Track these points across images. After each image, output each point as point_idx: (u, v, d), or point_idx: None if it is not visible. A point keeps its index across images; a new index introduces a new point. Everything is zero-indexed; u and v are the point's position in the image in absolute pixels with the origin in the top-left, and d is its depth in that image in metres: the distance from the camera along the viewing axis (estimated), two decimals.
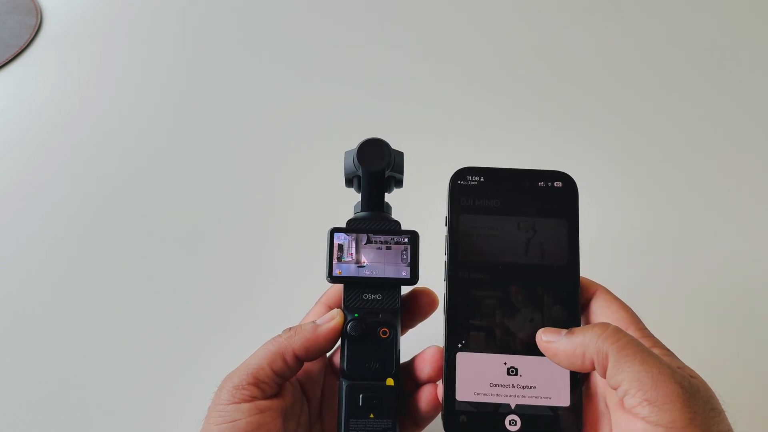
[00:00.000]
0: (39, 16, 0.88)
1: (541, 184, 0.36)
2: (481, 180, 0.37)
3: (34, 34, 0.85)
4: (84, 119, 0.74)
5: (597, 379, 0.33)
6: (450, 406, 0.34)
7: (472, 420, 0.33)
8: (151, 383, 0.51)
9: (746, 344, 0.53)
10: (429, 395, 0.37)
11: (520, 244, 0.35)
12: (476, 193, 0.36)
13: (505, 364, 0.34)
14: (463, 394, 0.34)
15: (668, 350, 0.31)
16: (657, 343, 0.31)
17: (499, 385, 0.34)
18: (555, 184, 0.36)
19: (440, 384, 0.35)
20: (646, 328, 0.32)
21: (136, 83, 0.79)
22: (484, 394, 0.34)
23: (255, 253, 0.60)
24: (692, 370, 0.30)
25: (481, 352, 0.34)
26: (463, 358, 0.34)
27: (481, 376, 0.34)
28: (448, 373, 0.34)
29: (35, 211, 0.64)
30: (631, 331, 0.32)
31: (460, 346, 0.34)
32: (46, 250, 0.61)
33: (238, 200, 0.65)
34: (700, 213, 0.64)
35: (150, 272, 0.59)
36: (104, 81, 0.79)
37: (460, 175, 0.37)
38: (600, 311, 0.34)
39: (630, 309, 0.33)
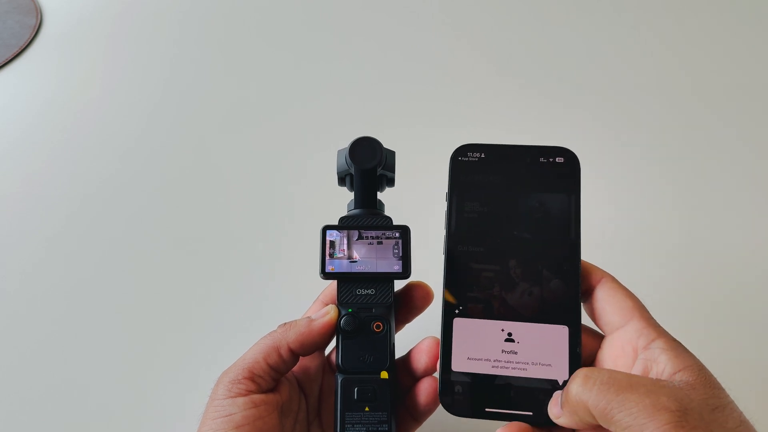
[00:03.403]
0: (39, 16, 0.89)
1: (543, 159, 0.36)
2: (482, 156, 0.36)
3: (34, 34, 0.86)
4: (84, 119, 0.75)
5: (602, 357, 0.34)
6: (446, 375, 0.33)
7: (467, 390, 0.33)
8: (151, 381, 0.51)
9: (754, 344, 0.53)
10: (427, 388, 0.37)
11: (520, 219, 0.35)
12: (477, 169, 0.36)
13: (503, 330, 0.34)
14: (459, 363, 0.33)
15: (672, 340, 0.31)
16: (661, 333, 0.31)
17: (496, 354, 0.33)
18: (557, 159, 0.36)
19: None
20: (651, 318, 0.32)
21: (136, 83, 0.80)
22: (481, 363, 0.33)
23: (253, 252, 0.60)
24: (690, 360, 0.29)
25: (478, 318, 0.34)
26: (460, 324, 0.34)
27: (479, 344, 0.34)
28: (444, 340, 0.34)
29: (35, 211, 0.64)
30: (636, 321, 0.31)
31: (457, 312, 0.34)
32: (45, 250, 0.61)
33: (236, 200, 0.65)
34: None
35: (149, 272, 0.59)
36: (104, 81, 0.80)
37: (461, 151, 0.37)
38: (605, 299, 0.33)
39: (636, 297, 0.33)
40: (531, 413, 0.33)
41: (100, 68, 0.82)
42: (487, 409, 0.33)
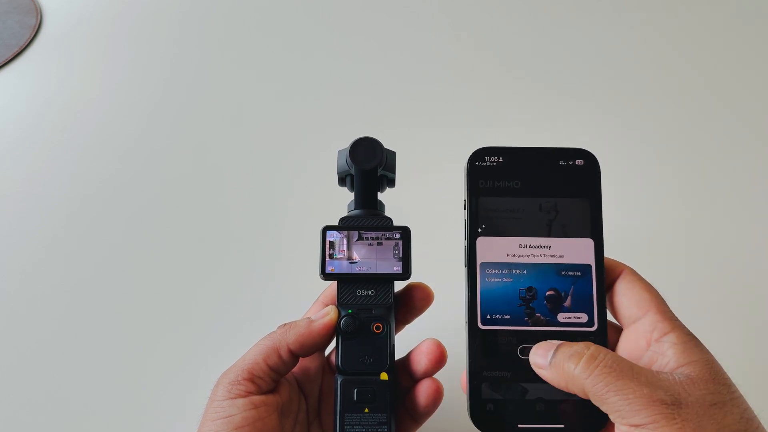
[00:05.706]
0: (39, 16, 0.89)
1: (562, 162, 0.35)
2: (500, 160, 0.35)
3: (34, 34, 0.86)
4: (84, 119, 0.75)
5: None
6: (476, 395, 0.33)
7: (498, 407, 0.32)
8: (151, 381, 0.52)
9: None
10: (427, 389, 0.37)
11: (541, 225, 0.35)
12: (495, 174, 0.35)
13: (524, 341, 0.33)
14: (488, 392, 0.33)
15: (685, 334, 0.30)
16: (676, 326, 0.31)
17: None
18: (576, 162, 0.35)
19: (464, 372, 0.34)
20: (668, 311, 0.32)
21: (136, 83, 0.79)
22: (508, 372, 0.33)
23: (253, 252, 0.60)
24: (698, 355, 0.29)
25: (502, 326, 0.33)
26: (485, 333, 0.33)
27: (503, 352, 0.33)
28: (472, 357, 0.33)
29: (35, 211, 0.64)
30: (652, 314, 0.31)
31: (482, 327, 0.33)
32: (45, 250, 0.61)
33: (236, 200, 0.65)
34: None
35: (149, 272, 0.59)
36: (104, 81, 0.80)
37: (478, 155, 0.35)
38: (624, 292, 0.33)
39: (654, 290, 0.33)
40: (563, 426, 0.32)
41: (100, 68, 0.82)
42: (519, 425, 0.32)
